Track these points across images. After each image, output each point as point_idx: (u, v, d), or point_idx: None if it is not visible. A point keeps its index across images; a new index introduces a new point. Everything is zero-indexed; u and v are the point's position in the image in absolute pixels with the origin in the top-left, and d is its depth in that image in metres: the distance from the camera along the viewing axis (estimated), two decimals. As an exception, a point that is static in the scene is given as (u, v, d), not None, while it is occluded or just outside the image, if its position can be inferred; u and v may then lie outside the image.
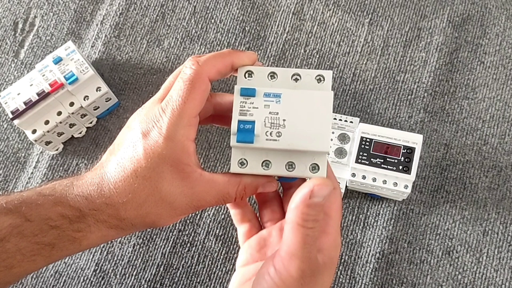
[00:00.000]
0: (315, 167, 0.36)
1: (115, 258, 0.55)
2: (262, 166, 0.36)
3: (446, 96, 0.59)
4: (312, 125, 0.35)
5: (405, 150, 0.52)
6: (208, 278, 0.54)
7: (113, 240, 0.55)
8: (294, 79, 0.36)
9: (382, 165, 0.51)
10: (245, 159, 0.36)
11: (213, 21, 0.64)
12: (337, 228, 0.37)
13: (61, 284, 0.54)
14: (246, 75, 0.36)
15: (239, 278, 0.39)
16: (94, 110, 0.59)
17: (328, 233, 0.36)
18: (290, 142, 0.35)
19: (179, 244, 0.55)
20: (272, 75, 0.36)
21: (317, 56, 0.62)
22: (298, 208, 0.33)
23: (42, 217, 0.35)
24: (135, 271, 0.54)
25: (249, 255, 0.40)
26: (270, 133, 0.35)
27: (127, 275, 0.54)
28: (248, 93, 0.35)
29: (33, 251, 0.35)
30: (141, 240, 0.55)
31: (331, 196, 0.36)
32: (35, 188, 0.37)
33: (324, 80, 0.36)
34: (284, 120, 0.35)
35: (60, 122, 0.57)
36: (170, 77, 0.37)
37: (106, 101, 0.59)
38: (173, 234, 0.55)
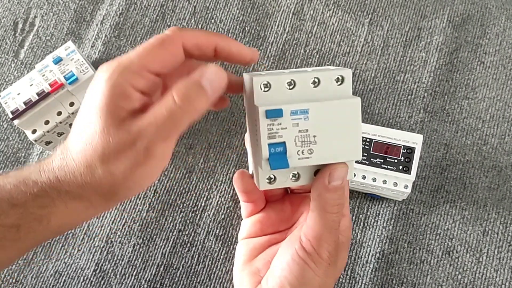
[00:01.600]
0: None
1: (115, 258, 0.55)
2: (291, 178, 0.35)
3: (446, 96, 0.59)
4: (343, 136, 0.33)
5: (405, 150, 0.52)
6: (208, 278, 0.54)
7: (113, 240, 0.55)
8: (312, 83, 0.34)
9: (382, 165, 0.52)
10: (273, 175, 0.35)
11: (213, 21, 0.64)
12: (349, 207, 0.38)
13: (61, 284, 0.54)
14: (262, 86, 0.33)
15: (247, 250, 0.39)
16: (94, 110, 0.59)
17: (345, 215, 0.38)
18: (322, 157, 0.33)
19: (179, 244, 0.55)
20: (290, 83, 0.33)
21: (317, 56, 0.62)
22: (321, 195, 0.34)
23: (3, 198, 0.33)
24: (135, 271, 0.54)
25: (258, 228, 0.40)
26: (302, 152, 0.33)
27: (127, 275, 0.54)
28: (275, 114, 0.32)
29: None
30: (141, 240, 0.55)
31: None
32: (2, 174, 0.35)
33: (343, 80, 0.34)
34: (314, 136, 0.33)
35: (60, 122, 0.57)
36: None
37: (106, 101, 0.59)
38: (173, 234, 0.55)
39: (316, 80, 0.34)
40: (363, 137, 0.52)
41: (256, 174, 0.36)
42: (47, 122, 0.56)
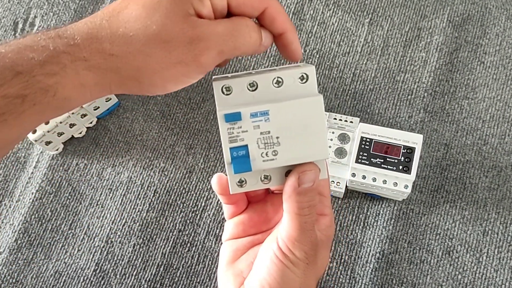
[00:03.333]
0: None
1: (115, 258, 0.55)
2: (262, 180, 0.35)
3: (446, 96, 0.59)
4: (307, 135, 0.33)
5: (405, 150, 0.52)
6: (208, 278, 0.54)
7: (113, 240, 0.55)
8: (275, 83, 0.33)
9: (382, 165, 0.52)
10: (243, 178, 0.34)
11: (213, 21, 0.64)
12: (330, 206, 0.38)
13: (61, 284, 0.54)
14: (224, 90, 0.33)
15: (231, 251, 0.39)
16: (94, 110, 0.59)
17: (325, 214, 0.38)
18: (288, 158, 0.33)
19: (179, 244, 0.55)
20: (252, 84, 0.33)
21: (317, 56, 0.62)
22: (291, 197, 0.34)
23: (5, 65, 0.30)
24: (135, 271, 0.54)
25: (240, 230, 0.40)
26: (266, 154, 0.33)
27: (127, 275, 0.54)
28: (234, 118, 0.32)
29: (1, 108, 0.29)
30: (141, 240, 0.55)
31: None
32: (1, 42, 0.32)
33: (308, 78, 0.33)
34: (277, 137, 0.33)
35: (60, 122, 0.57)
36: None
37: (106, 101, 0.59)
38: (173, 234, 0.55)
39: (279, 79, 0.33)
40: (363, 137, 0.52)
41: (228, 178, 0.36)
42: (47, 122, 0.56)
